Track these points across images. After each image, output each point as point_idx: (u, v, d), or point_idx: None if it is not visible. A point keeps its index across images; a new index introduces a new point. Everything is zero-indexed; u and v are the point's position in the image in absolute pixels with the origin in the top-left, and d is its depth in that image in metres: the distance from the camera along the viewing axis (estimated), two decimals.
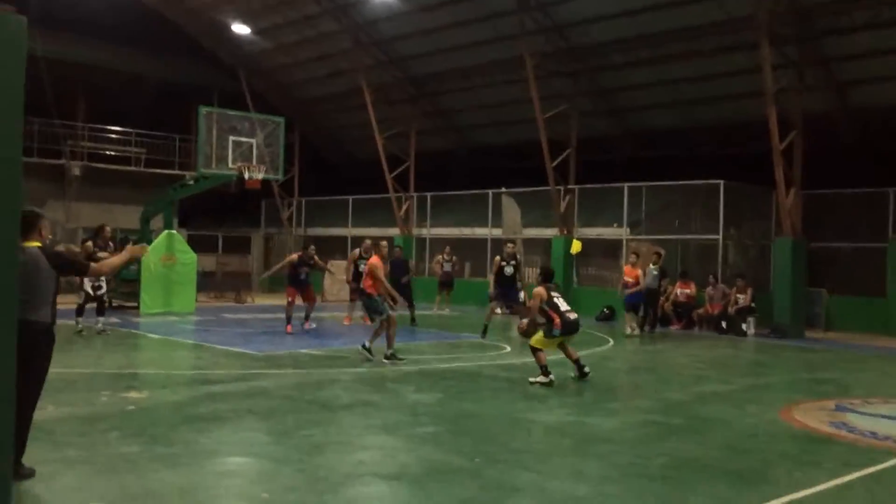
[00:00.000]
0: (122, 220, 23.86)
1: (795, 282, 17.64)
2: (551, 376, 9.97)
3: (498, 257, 15.69)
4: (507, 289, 15.38)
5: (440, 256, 21.91)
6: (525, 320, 10.60)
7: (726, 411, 8.80)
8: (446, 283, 21.56)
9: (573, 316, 10.25)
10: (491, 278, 15.70)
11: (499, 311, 19.14)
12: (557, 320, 10.07)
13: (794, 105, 17.83)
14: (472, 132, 28.66)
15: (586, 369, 10.49)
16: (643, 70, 21.82)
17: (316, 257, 15.80)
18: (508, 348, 13.67)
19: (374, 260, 11.73)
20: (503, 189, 23.50)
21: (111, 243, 14.87)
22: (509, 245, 15.87)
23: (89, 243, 14.63)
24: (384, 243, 12.34)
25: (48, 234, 5.82)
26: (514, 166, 25.79)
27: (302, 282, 15.03)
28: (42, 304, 5.57)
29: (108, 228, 15.25)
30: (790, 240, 17.64)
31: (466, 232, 24.93)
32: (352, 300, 17.19)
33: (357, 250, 16.82)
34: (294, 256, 15.18)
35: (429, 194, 25.77)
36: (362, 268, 16.16)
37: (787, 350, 15.18)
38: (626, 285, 16.83)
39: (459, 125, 28.52)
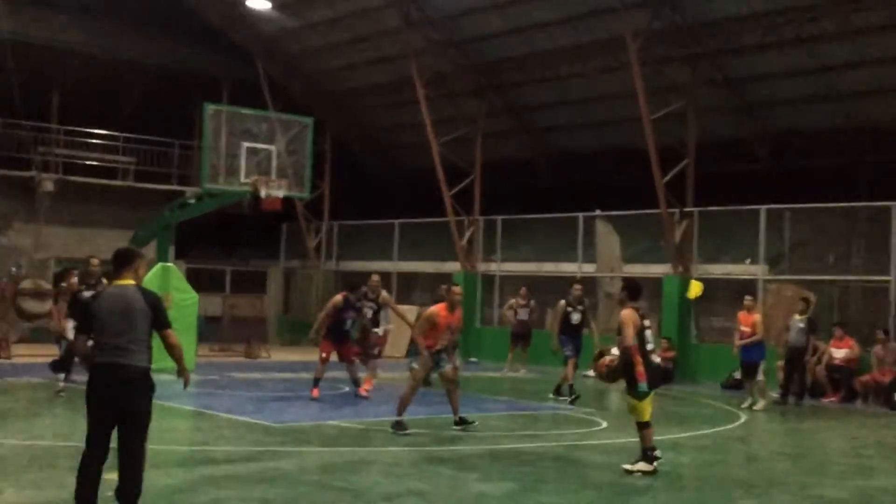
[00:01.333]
0: (104, 249, 24.28)
1: None
2: (656, 464, 9.80)
3: (563, 301, 16.28)
4: (572, 340, 16.16)
5: (514, 301, 21.83)
6: (609, 358, 10.28)
7: None
8: (521, 336, 21.48)
9: (657, 359, 9.96)
10: (554, 328, 16.46)
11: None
12: (641, 367, 9.66)
13: None
14: (555, 136, 28.63)
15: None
16: (785, 53, 21.57)
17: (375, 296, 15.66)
18: (604, 423, 13.54)
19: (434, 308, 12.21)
20: (598, 211, 23.38)
21: (103, 279, 15.20)
22: (577, 287, 16.83)
23: (74, 279, 14.96)
24: (458, 289, 12.42)
25: (145, 274, 7.13)
26: (612, 181, 25.64)
27: (344, 333, 15.09)
28: (137, 347, 6.69)
29: (95, 261, 15.55)
30: None
31: (548, 268, 24.82)
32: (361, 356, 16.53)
33: (362, 289, 16.10)
34: (338, 298, 15.13)
35: (499, 218, 25.78)
36: (369, 312, 15.92)
37: None
38: (742, 337, 16.57)
39: (539, 127, 28.53)
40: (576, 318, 16.25)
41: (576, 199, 24.74)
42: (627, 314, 9.73)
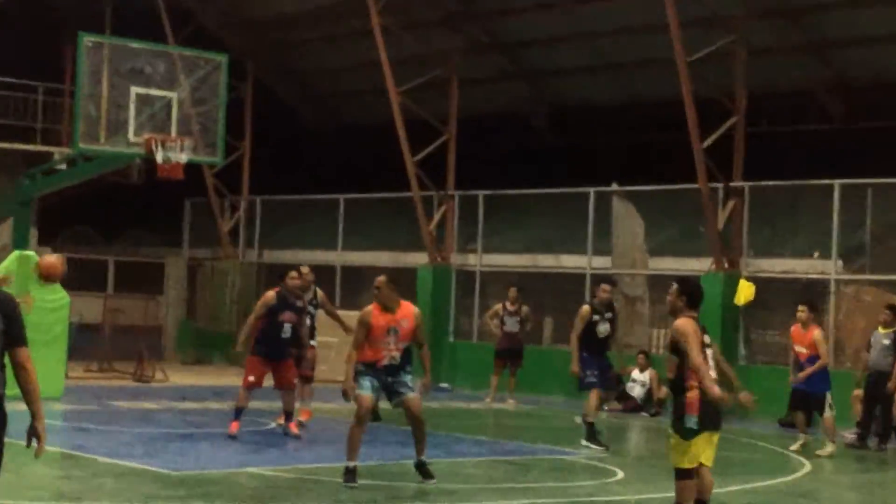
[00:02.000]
0: None
1: None
2: None
3: (586, 307, 16.16)
4: (597, 360, 15.95)
5: (500, 306, 21.84)
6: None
7: None
8: (510, 353, 21.51)
9: (718, 391, 9.90)
10: (574, 341, 16.04)
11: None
12: (694, 395, 9.61)
13: None
14: (558, 83, 28.66)
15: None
16: None
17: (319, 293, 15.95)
18: (620, 473, 13.54)
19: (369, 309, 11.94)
20: (614, 186, 23.44)
21: None
22: (605, 287, 16.52)
23: None
24: (380, 280, 12.22)
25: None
26: (635, 145, 25.68)
27: (281, 345, 14.98)
28: None
29: None
30: None
31: (547, 262, 24.85)
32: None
33: (288, 285, 15.97)
34: (269, 295, 15.09)
35: (481, 193, 25.78)
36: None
37: None
38: (798, 360, 16.59)
39: (536, 70, 28.55)
40: (603, 329, 16.01)
41: (585, 169, 24.78)
42: (687, 324, 9.64)
